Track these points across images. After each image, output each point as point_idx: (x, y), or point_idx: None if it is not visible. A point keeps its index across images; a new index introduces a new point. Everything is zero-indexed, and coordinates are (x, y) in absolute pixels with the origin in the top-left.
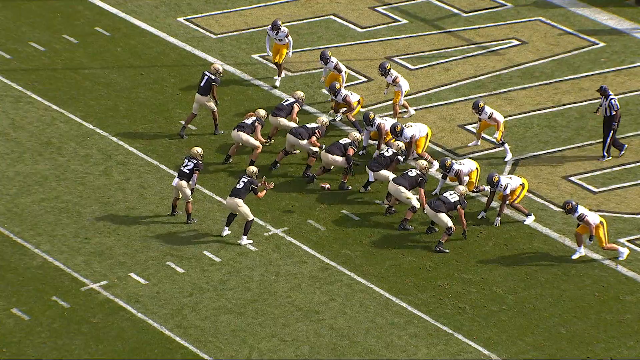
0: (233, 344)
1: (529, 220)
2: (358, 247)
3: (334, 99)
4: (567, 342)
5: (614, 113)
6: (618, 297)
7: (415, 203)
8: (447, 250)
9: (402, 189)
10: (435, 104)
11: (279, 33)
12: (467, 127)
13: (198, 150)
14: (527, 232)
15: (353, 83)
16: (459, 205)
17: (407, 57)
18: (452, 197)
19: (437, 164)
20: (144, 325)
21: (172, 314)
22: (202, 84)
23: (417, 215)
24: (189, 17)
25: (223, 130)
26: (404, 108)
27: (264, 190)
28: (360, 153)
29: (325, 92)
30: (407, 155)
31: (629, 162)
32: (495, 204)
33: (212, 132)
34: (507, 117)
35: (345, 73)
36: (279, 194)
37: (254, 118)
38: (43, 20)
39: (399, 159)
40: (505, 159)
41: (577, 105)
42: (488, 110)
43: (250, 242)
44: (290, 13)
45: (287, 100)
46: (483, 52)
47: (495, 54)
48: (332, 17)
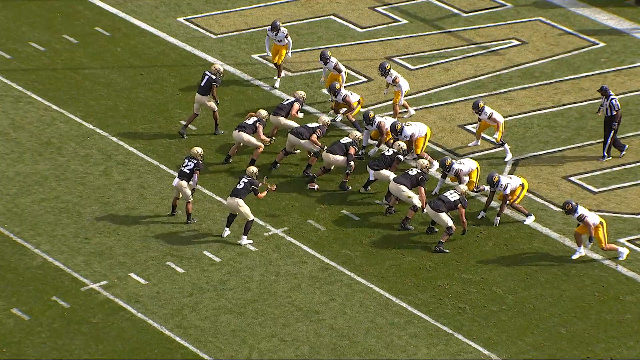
0: (233, 344)
1: (529, 220)
2: (358, 247)
3: (334, 99)
4: (567, 342)
5: (615, 113)
6: (618, 297)
7: (417, 202)
8: (447, 251)
9: (403, 188)
10: (435, 104)
11: (279, 34)
12: (467, 127)
13: (198, 150)
14: (527, 232)
15: (353, 83)
16: (460, 204)
17: (407, 57)
18: (452, 196)
19: (437, 164)
20: (144, 325)
21: (172, 314)
22: (202, 84)
23: (417, 215)
24: (189, 17)
25: (223, 130)
26: (404, 108)
27: (265, 192)
28: (360, 153)
29: (326, 92)
30: (407, 152)
31: (629, 162)
32: (495, 204)
33: (212, 132)
34: (507, 117)
35: (345, 73)
36: (279, 194)
37: (255, 118)
38: (43, 20)
39: (400, 159)
40: (505, 159)
41: (577, 105)
42: (488, 111)
43: (250, 242)
44: (290, 13)
45: (287, 100)
46: (483, 52)
47: (495, 54)
48: (332, 17)
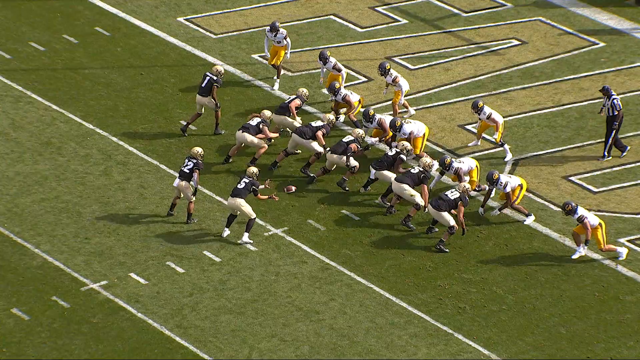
0: (233, 344)
1: (529, 220)
2: (358, 247)
3: (334, 99)
4: (567, 342)
5: (616, 113)
6: (618, 297)
7: (419, 200)
8: (447, 250)
9: (405, 187)
10: (435, 104)
11: (277, 35)
12: (467, 127)
13: (198, 150)
14: (527, 232)
15: (353, 83)
16: (460, 202)
17: (407, 57)
18: (453, 194)
19: (436, 164)
20: (144, 325)
21: (172, 314)
22: (203, 85)
23: (417, 215)
24: (189, 17)
25: (224, 130)
26: (404, 108)
27: (267, 197)
28: (365, 148)
29: (326, 92)
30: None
31: (629, 162)
32: (494, 203)
33: (211, 132)
34: (507, 117)
35: (345, 72)
36: (279, 194)
37: (259, 119)
38: (43, 20)
39: (402, 159)
40: (505, 159)
41: (577, 105)
42: (487, 111)
43: (251, 241)
44: (290, 13)
45: (290, 98)
46: (483, 52)
47: (495, 54)
48: (332, 17)
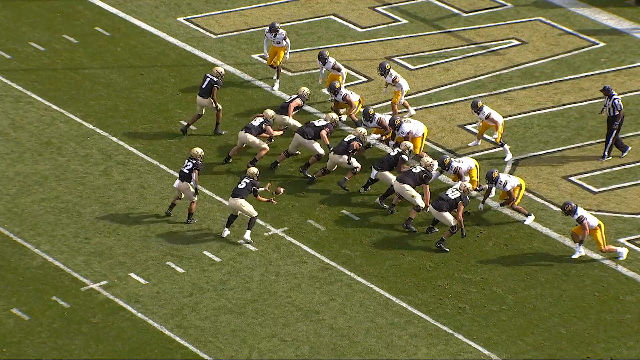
0: (233, 344)
1: (529, 220)
2: (358, 247)
3: (334, 99)
4: (567, 342)
5: (617, 113)
6: (618, 297)
7: (420, 202)
8: (447, 249)
9: (407, 187)
10: (435, 104)
11: (277, 35)
12: (467, 127)
13: (198, 151)
14: (527, 232)
15: (353, 83)
16: (460, 201)
17: (407, 57)
18: (453, 194)
19: (436, 164)
20: (144, 325)
21: (172, 314)
22: (203, 86)
23: (417, 215)
24: (189, 17)
25: (224, 131)
26: (404, 107)
27: (266, 199)
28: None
29: (326, 92)
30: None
31: (629, 162)
32: (495, 204)
33: (212, 132)
34: (507, 117)
35: (345, 72)
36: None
37: (261, 119)
38: (43, 20)
39: (404, 159)
40: (505, 159)
41: (577, 105)
42: (486, 111)
43: (252, 241)
44: (290, 13)
45: (291, 98)
46: (483, 52)
47: (495, 54)
48: (332, 17)
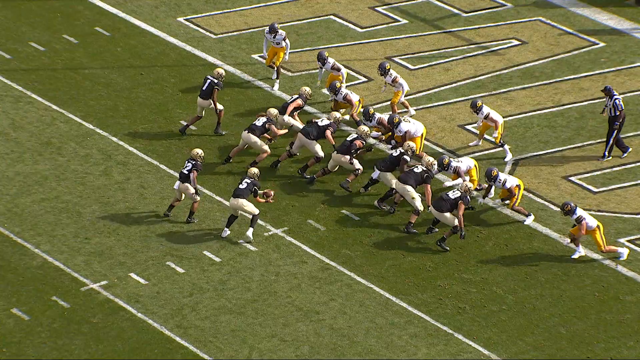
0: (233, 344)
1: (529, 220)
2: (358, 247)
3: (335, 98)
4: (567, 342)
5: (618, 113)
6: (618, 297)
7: (419, 205)
8: (447, 248)
9: (408, 188)
10: (435, 104)
11: (276, 36)
12: (467, 127)
13: (198, 152)
14: (527, 232)
15: (353, 83)
16: (460, 201)
17: (407, 57)
18: (454, 194)
19: (435, 165)
20: (144, 325)
21: (172, 314)
22: (204, 88)
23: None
24: (189, 17)
25: (225, 131)
26: (404, 107)
27: (263, 200)
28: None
29: (325, 92)
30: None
31: (629, 162)
32: (495, 204)
33: (212, 132)
34: (507, 117)
35: (345, 72)
36: (279, 194)
37: (264, 119)
38: (43, 20)
39: (406, 159)
40: (505, 159)
41: (577, 105)
42: (485, 110)
43: (252, 240)
44: (290, 13)
45: (292, 98)
46: (483, 52)
47: (495, 54)
48: (332, 17)
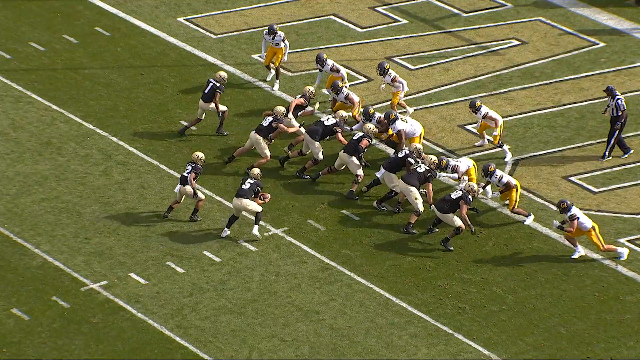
0: (233, 344)
1: (529, 221)
2: (358, 247)
3: (335, 98)
4: (567, 342)
5: (620, 113)
6: (618, 297)
7: (420, 207)
8: (451, 248)
9: (411, 189)
10: (435, 104)
11: (275, 37)
12: (467, 127)
13: (198, 155)
14: (527, 232)
15: (353, 83)
16: (462, 201)
17: (407, 57)
18: (455, 194)
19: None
20: (144, 325)
21: (172, 314)
22: (206, 91)
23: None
24: (189, 17)
25: (227, 132)
26: (402, 107)
27: (261, 201)
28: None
29: (325, 92)
30: (399, 147)
31: (629, 162)
32: (495, 204)
33: (213, 132)
34: (507, 117)
35: (344, 72)
36: (279, 194)
37: (270, 118)
38: (43, 20)
39: (410, 161)
40: (505, 159)
41: (577, 105)
42: (484, 110)
43: (258, 235)
44: (290, 13)
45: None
46: (483, 52)
47: (495, 54)
48: (332, 17)
